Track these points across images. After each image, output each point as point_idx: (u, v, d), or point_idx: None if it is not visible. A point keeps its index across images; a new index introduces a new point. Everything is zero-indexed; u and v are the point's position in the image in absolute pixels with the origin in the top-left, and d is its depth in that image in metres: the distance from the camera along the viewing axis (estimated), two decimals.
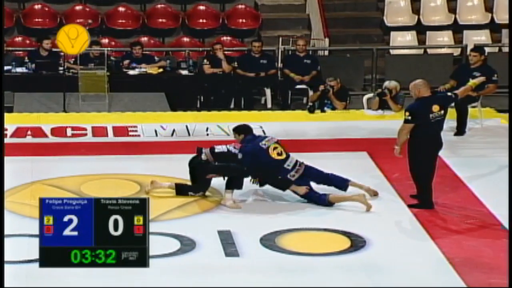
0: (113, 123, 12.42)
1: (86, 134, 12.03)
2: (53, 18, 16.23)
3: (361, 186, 9.49)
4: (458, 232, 8.55)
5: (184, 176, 10.08)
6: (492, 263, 7.82)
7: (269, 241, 8.27)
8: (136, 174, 10.17)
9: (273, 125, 12.35)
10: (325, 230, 8.58)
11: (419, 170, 9.14)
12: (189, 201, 9.28)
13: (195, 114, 13.29)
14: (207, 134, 12.06)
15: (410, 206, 9.22)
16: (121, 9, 16.49)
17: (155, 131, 12.14)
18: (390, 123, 12.38)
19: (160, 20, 16.53)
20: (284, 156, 9.24)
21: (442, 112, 9.15)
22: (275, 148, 9.23)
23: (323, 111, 13.18)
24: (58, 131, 12.09)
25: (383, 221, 8.85)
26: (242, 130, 9.48)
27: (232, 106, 14.30)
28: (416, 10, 16.59)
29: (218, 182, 9.54)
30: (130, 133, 12.09)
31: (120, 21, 15.27)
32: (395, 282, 7.50)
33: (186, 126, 12.27)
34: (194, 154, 9.50)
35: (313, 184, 9.33)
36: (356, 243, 8.24)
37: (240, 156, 9.17)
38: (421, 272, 7.69)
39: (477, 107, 12.35)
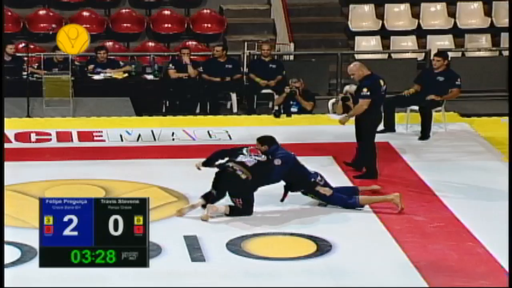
0: (78, 128, 12.36)
1: (50, 139, 11.95)
2: (16, 23, 16.10)
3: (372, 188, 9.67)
4: (423, 236, 8.60)
5: (149, 180, 10.07)
6: (456, 266, 7.89)
7: (235, 246, 8.27)
8: (101, 179, 10.12)
9: (239, 129, 12.35)
10: (291, 234, 8.60)
11: (370, 142, 10.03)
12: (155, 206, 9.24)
13: (161, 119, 13.26)
14: (173, 139, 12.03)
15: (355, 177, 9.95)
16: (85, 13, 16.41)
17: (121, 136, 12.09)
18: None
19: (125, 24, 16.47)
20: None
21: (385, 86, 10.19)
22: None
23: (288, 114, 13.22)
24: (22, 136, 12.00)
25: (349, 225, 8.89)
26: (267, 141, 9.33)
27: (197, 111, 14.28)
28: (380, 15, 16.69)
29: (186, 188, 9.56)
30: (95, 138, 12.04)
31: (84, 25, 15.17)
32: (361, 285, 7.53)
33: (152, 131, 12.23)
34: (217, 170, 9.09)
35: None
36: (322, 247, 8.27)
37: (278, 162, 9.07)
38: (387, 275, 7.73)
39: (441, 112, 12.46)
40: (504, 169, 10.41)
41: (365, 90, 10.02)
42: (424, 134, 12.06)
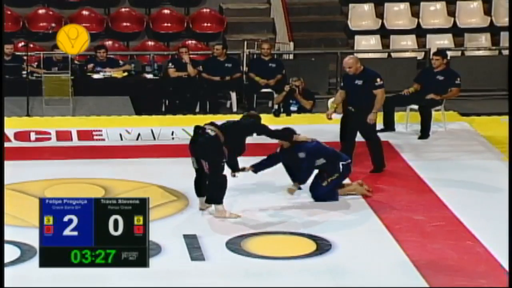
0: (78, 127, 12.37)
1: (50, 139, 11.96)
2: (16, 22, 16.10)
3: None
4: (423, 235, 8.61)
5: (148, 179, 10.07)
6: (456, 266, 7.89)
7: (235, 245, 8.28)
8: (101, 178, 10.13)
9: None
10: (291, 233, 8.60)
11: (377, 136, 10.31)
12: (154, 205, 9.25)
13: (160, 118, 13.26)
14: (173, 138, 12.04)
15: (372, 171, 10.23)
16: (84, 12, 16.41)
17: (120, 135, 12.09)
18: None
19: (125, 24, 16.47)
20: None
21: None
22: None
23: (288, 113, 13.21)
24: (21, 136, 12.00)
25: (348, 224, 8.89)
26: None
27: (197, 110, 14.28)
28: (379, 14, 16.69)
29: (186, 187, 9.56)
30: (95, 137, 12.04)
31: (84, 24, 15.18)
32: (360, 285, 7.53)
33: (151, 130, 12.24)
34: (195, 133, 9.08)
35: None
36: (322, 246, 8.27)
37: (303, 155, 9.27)
38: (386, 274, 7.73)
39: (441, 111, 12.47)
40: (504, 168, 10.42)
41: (378, 80, 10.22)
42: (424, 133, 12.07)
